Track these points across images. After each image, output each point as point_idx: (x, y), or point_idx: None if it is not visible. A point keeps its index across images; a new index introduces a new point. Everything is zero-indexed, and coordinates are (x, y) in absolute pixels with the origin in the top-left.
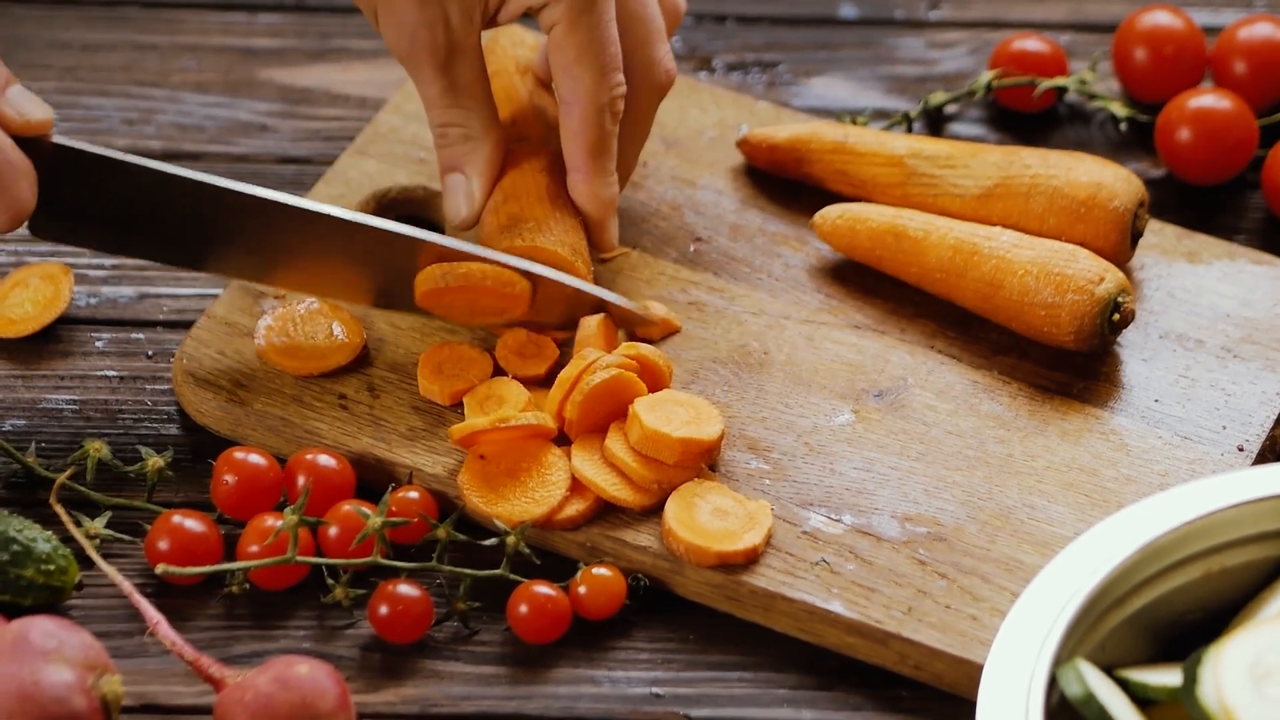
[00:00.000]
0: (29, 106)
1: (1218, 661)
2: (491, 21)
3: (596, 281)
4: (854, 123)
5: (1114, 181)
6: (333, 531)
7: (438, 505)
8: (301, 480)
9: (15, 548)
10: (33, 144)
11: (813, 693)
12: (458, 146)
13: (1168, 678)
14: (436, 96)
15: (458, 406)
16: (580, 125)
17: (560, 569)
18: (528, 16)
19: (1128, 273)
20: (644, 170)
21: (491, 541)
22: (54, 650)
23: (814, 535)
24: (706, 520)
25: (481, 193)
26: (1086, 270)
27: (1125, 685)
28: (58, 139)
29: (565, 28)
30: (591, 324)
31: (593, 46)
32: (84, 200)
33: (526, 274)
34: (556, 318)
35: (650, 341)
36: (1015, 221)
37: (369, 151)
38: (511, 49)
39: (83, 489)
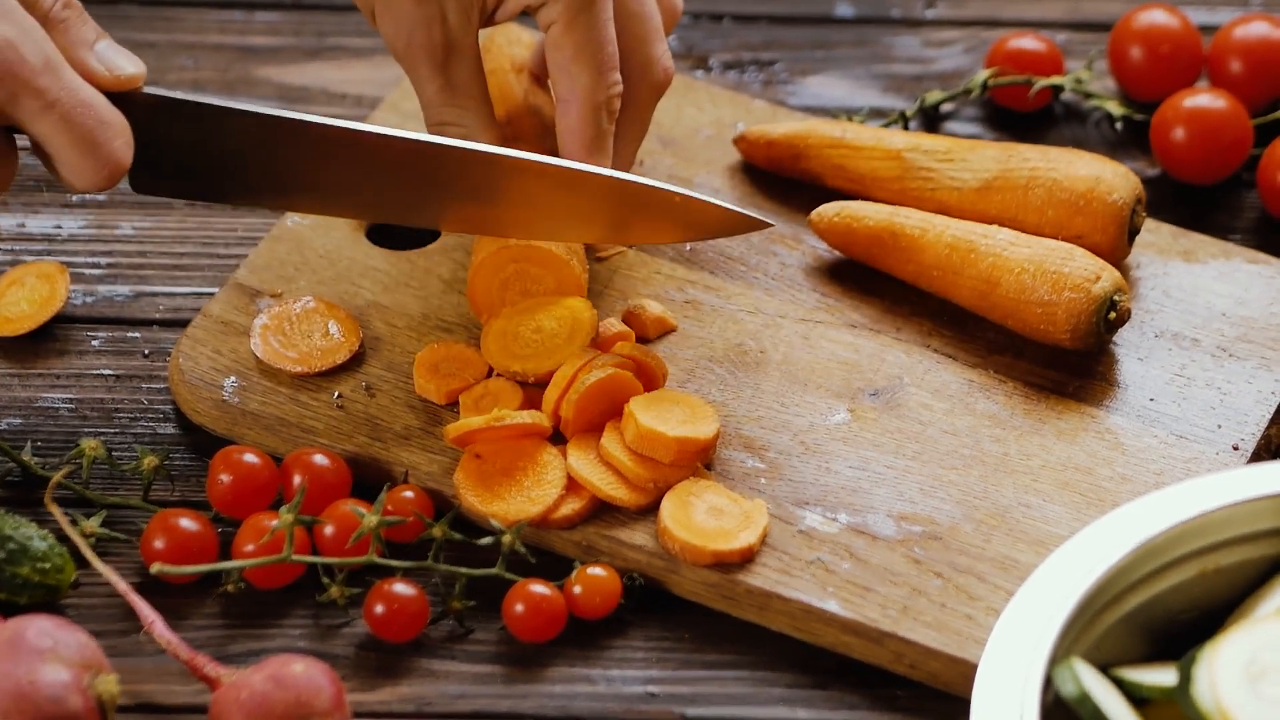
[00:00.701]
0: (120, 61)
1: (1213, 660)
2: (489, 20)
3: (592, 281)
4: (850, 121)
5: (1113, 176)
6: (328, 530)
7: (433, 504)
8: (297, 479)
9: (11, 546)
10: (125, 98)
11: (808, 691)
12: None
13: (1163, 677)
14: (434, 95)
15: (454, 405)
16: (577, 123)
17: (556, 568)
18: (525, 14)
19: (1124, 271)
20: (641, 168)
21: (487, 540)
22: (50, 649)
23: (809, 534)
24: (702, 519)
25: None
26: (1083, 268)
27: (1120, 684)
28: (150, 90)
29: (563, 26)
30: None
31: (590, 45)
32: (181, 150)
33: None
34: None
35: (646, 340)
36: (1013, 214)
37: None
38: (507, 47)
39: (78, 488)
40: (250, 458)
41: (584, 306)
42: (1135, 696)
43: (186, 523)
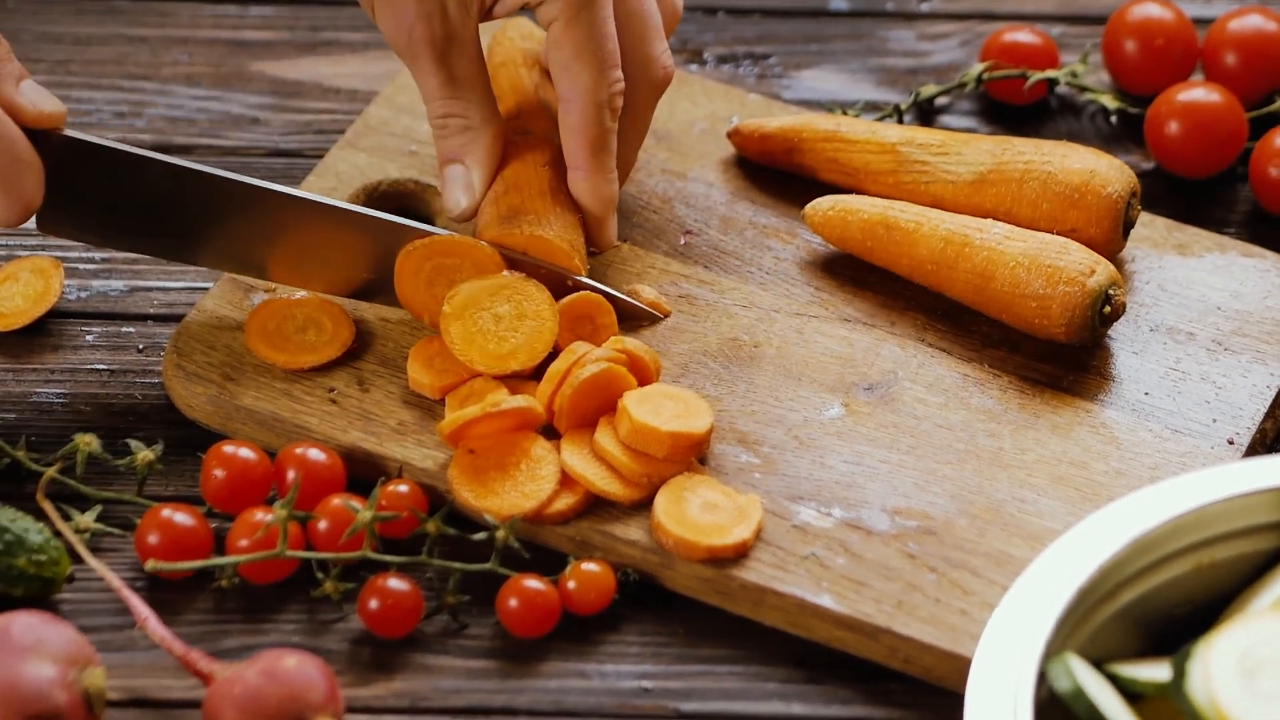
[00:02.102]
0: (43, 100)
1: (1207, 655)
2: (488, 15)
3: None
4: (845, 115)
5: (1107, 169)
6: (322, 525)
7: (427, 499)
8: (291, 474)
9: (8, 537)
10: (42, 137)
11: (802, 686)
12: (457, 138)
13: (1157, 672)
14: (435, 88)
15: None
16: (580, 122)
17: (550, 563)
18: (526, 11)
19: (1118, 265)
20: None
21: (481, 535)
22: (34, 645)
23: (804, 529)
24: (696, 514)
25: (481, 183)
26: (1078, 262)
27: (1114, 680)
28: (68, 132)
29: (563, 24)
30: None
31: (591, 43)
32: (91, 193)
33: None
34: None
35: (640, 325)
36: (1008, 208)
37: (360, 144)
38: (519, 41)
39: (73, 483)
40: (244, 453)
41: (519, 280)
42: (1129, 692)
43: (180, 518)
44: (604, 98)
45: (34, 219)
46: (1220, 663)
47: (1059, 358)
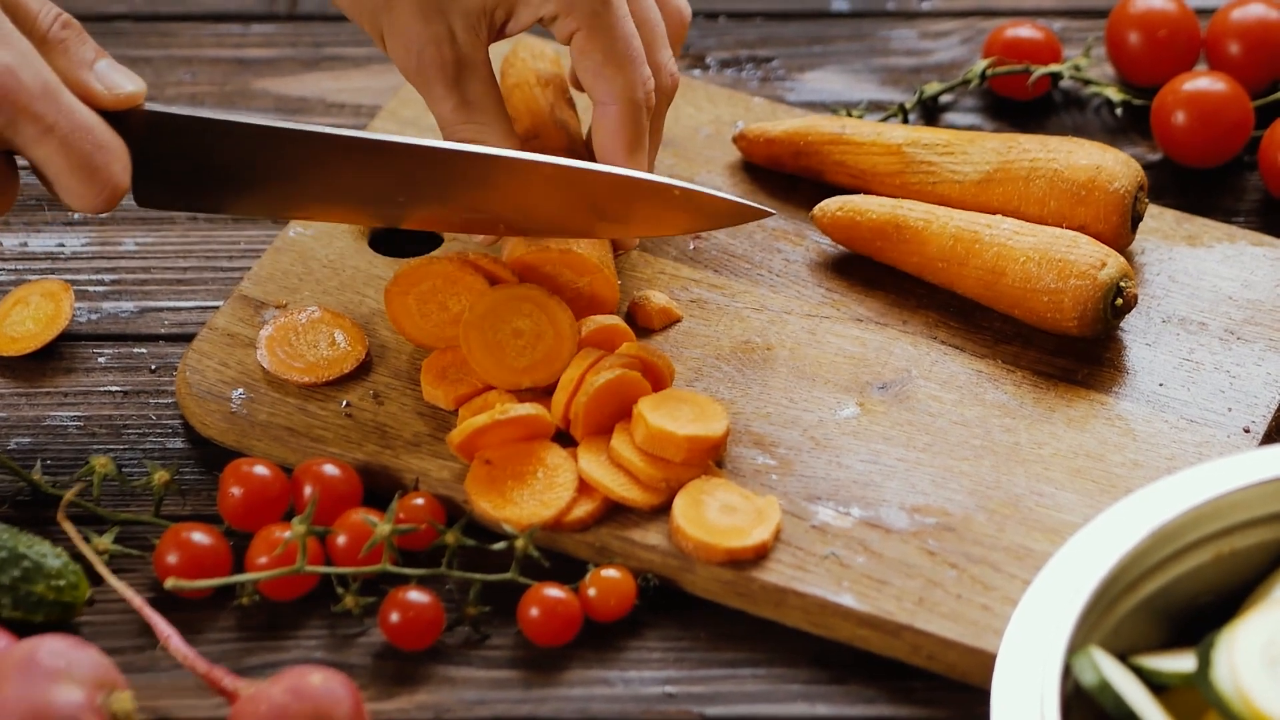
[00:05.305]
0: (119, 79)
1: (1231, 644)
2: (499, 34)
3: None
4: (849, 115)
5: (1113, 164)
6: (341, 540)
7: (445, 510)
8: (308, 490)
9: (26, 564)
10: (125, 114)
11: (826, 686)
12: None
13: (1182, 663)
14: (450, 113)
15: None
16: (618, 124)
17: (570, 570)
18: (539, 27)
19: (1128, 257)
20: None
21: (500, 545)
22: (63, 670)
23: (823, 529)
24: (715, 517)
25: None
26: (1088, 255)
27: (1139, 672)
28: (150, 107)
29: (586, 33)
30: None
31: (618, 44)
32: (182, 163)
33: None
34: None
35: (651, 331)
36: (1015, 206)
37: None
38: (531, 62)
39: (90, 505)
40: (261, 470)
41: (543, 295)
42: (1155, 684)
43: (199, 537)
44: (640, 95)
45: (132, 195)
46: (1245, 651)
47: (1072, 351)
